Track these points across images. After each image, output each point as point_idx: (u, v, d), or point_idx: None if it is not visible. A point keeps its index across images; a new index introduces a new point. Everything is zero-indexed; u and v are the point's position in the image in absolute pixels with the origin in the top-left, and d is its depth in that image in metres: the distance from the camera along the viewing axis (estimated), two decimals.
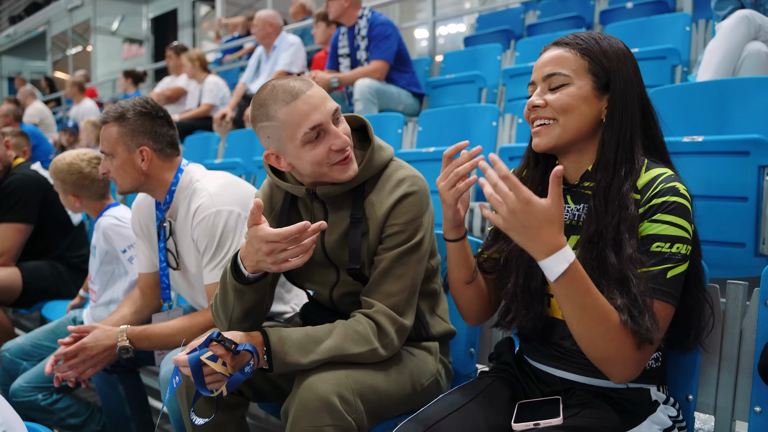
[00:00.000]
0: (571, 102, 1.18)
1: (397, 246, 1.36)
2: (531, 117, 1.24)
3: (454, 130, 3.07)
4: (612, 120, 1.17)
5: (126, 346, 1.71)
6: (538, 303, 1.24)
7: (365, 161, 1.38)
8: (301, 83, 1.32)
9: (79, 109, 7.38)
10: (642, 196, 1.14)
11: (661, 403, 1.20)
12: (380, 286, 1.36)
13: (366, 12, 3.98)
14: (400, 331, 1.36)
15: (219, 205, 1.73)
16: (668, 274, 1.10)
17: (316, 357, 1.28)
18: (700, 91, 2.33)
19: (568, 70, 1.19)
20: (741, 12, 2.41)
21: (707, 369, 1.33)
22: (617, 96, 1.17)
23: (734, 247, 1.92)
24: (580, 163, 1.24)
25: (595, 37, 1.21)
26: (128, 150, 1.80)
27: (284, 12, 7.16)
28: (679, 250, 1.10)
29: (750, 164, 1.89)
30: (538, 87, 1.23)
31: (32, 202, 2.82)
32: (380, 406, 1.32)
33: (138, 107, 1.81)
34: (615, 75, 1.17)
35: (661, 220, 1.11)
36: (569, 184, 1.25)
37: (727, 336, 1.32)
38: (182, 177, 1.86)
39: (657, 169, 1.16)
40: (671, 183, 1.12)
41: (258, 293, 1.33)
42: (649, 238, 1.11)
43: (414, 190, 1.38)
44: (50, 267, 2.91)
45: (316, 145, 1.32)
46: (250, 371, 1.22)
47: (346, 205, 1.41)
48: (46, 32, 15.13)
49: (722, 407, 1.31)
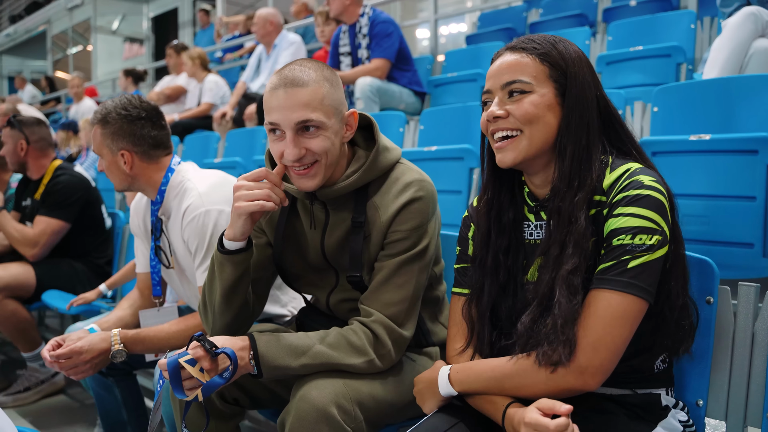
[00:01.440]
0: (536, 111, 1.10)
1: (399, 253, 1.31)
2: (491, 129, 1.15)
3: (456, 129, 3.04)
4: (569, 126, 1.10)
5: (120, 350, 1.67)
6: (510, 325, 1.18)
7: (368, 162, 1.33)
8: (295, 76, 1.24)
9: (78, 108, 7.36)
10: (607, 197, 1.08)
11: (671, 408, 1.16)
12: (380, 295, 1.31)
13: (367, 10, 3.95)
14: (398, 343, 1.30)
15: (208, 205, 1.69)
16: (629, 264, 1.02)
17: (307, 360, 1.23)
18: (706, 89, 2.30)
19: (528, 77, 1.11)
20: (748, 9, 2.38)
21: (718, 373, 1.29)
22: (574, 101, 1.10)
23: (742, 248, 1.89)
24: (547, 175, 1.17)
25: (551, 41, 1.14)
26: (111, 153, 1.80)
27: (285, 11, 7.13)
28: (642, 241, 1.02)
29: (758, 163, 1.86)
30: (496, 96, 1.14)
31: (77, 203, 2.91)
32: (380, 415, 1.28)
33: (119, 109, 1.79)
34: (572, 80, 1.11)
35: (622, 213, 1.05)
36: (539, 200, 1.19)
37: (738, 339, 1.28)
38: (173, 177, 1.83)
39: (623, 166, 1.10)
40: (635, 177, 1.06)
41: (237, 268, 1.30)
42: (609, 235, 1.05)
43: (421, 196, 1.32)
44: (68, 265, 2.92)
45: (274, 142, 1.28)
46: (229, 376, 1.17)
47: (348, 207, 1.36)
48: (47, 31, 15.14)
49: (734, 412, 1.28)
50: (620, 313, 1.02)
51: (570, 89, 1.11)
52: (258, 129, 4.10)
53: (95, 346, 1.65)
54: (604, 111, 1.15)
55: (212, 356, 1.17)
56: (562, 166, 1.11)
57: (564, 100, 1.11)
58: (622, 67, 3.19)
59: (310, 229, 1.40)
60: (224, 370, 1.18)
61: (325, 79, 1.27)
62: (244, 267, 1.31)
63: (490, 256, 1.23)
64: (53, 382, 2.94)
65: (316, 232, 1.39)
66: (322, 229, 1.38)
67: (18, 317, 2.76)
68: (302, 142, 1.24)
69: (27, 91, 11.41)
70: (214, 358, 1.18)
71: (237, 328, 1.38)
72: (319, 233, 1.39)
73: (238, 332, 1.37)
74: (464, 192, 2.55)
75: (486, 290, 1.23)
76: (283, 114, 1.23)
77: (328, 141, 1.26)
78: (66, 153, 6.17)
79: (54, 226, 2.83)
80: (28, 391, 2.88)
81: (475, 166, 2.56)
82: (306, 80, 1.24)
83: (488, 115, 1.14)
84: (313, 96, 1.23)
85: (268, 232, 1.46)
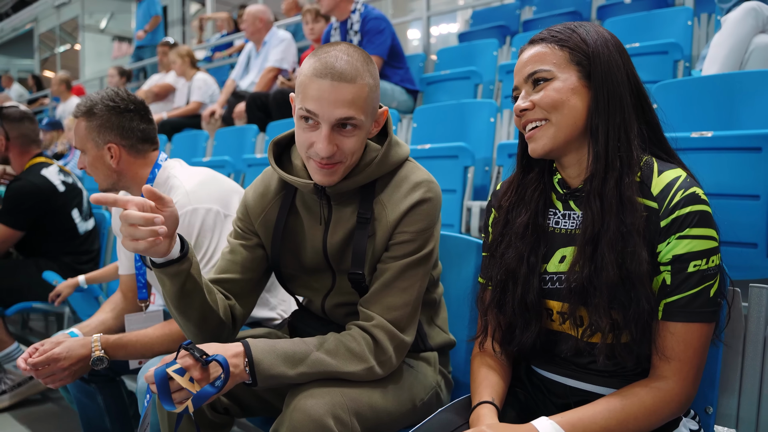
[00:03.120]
0: (559, 96, 1.09)
1: (405, 256, 1.25)
2: (522, 122, 1.15)
3: (450, 127, 2.99)
4: (597, 106, 1.08)
5: (100, 356, 1.58)
6: (536, 319, 1.15)
7: (381, 156, 1.26)
8: (348, 71, 1.16)
9: (65, 106, 7.27)
10: (660, 204, 1.04)
11: (683, 417, 1.11)
12: (382, 298, 1.24)
13: (359, 6, 3.89)
14: (399, 348, 1.24)
15: (195, 203, 1.63)
16: (711, 292, 1.03)
17: (304, 369, 1.16)
18: (706, 86, 2.26)
19: (549, 65, 1.10)
20: (748, 4, 2.34)
21: (728, 379, 1.24)
22: (600, 79, 1.08)
23: (746, 248, 1.84)
24: (582, 164, 1.14)
25: (571, 27, 1.13)
26: (97, 146, 1.72)
27: (276, 9, 7.06)
28: (714, 263, 1.03)
29: (762, 161, 1.82)
30: (522, 90, 1.14)
31: (27, 212, 2.76)
32: (378, 424, 1.21)
33: (106, 100, 1.71)
34: (595, 59, 1.09)
35: (692, 235, 1.02)
36: (571, 189, 1.16)
37: (749, 343, 1.23)
38: (159, 173, 1.76)
39: (670, 172, 1.06)
40: (690, 189, 1.03)
41: (175, 280, 1.18)
42: (683, 257, 1.03)
43: (430, 197, 1.26)
44: (32, 264, 2.81)
45: (305, 129, 1.20)
46: (221, 385, 1.10)
47: (353, 203, 1.29)
48: (34, 30, 14.97)
49: (745, 419, 1.22)
50: (707, 338, 1.06)
51: (594, 69, 1.09)
52: (247, 127, 4.04)
53: (74, 353, 1.56)
54: (635, 90, 1.12)
55: (203, 365, 1.09)
56: (596, 146, 1.08)
57: (590, 82, 1.09)
58: None
59: (319, 225, 1.33)
60: (216, 378, 1.11)
61: (370, 74, 1.20)
62: (184, 277, 1.19)
63: (504, 241, 1.19)
64: (32, 384, 2.86)
65: (319, 228, 1.32)
66: (324, 226, 1.32)
67: None
68: (337, 139, 1.18)
69: (14, 90, 11.27)
70: (204, 367, 1.10)
71: (212, 336, 1.29)
72: (321, 230, 1.32)
73: (218, 339, 1.29)
74: (459, 191, 2.50)
75: (496, 277, 1.20)
76: (324, 107, 1.15)
77: (359, 141, 1.21)
78: (52, 151, 6.08)
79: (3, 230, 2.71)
80: (4, 395, 2.79)
81: (470, 164, 2.51)
82: (354, 75, 1.16)
83: (516, 109, 1.14)
84: (359, 94, 1.17)
85: (261, 232, 1.38)
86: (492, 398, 1.14)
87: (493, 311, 1.21)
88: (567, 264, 1.12)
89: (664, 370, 1.04)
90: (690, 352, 1.03)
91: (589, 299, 1.05)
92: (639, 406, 1.03)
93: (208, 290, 1.25)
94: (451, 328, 1.53)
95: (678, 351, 1.03)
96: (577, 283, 1.06)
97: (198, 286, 1.22)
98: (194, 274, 1.20)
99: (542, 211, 1.18)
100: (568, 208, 1.16)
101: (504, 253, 1.19)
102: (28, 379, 2.84)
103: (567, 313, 1.11)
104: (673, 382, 1.03)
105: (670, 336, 1.04)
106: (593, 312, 1.05)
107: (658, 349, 1.05)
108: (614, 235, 1.03)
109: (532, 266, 1.15)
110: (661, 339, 1.04)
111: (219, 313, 1.28)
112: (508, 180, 1.26)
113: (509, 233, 1.19)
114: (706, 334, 1.04)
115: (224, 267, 1.37)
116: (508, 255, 1.18)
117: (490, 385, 1.17)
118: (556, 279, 1.14)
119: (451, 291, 1.61)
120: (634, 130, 1.09)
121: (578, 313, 1.09)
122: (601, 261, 1.04)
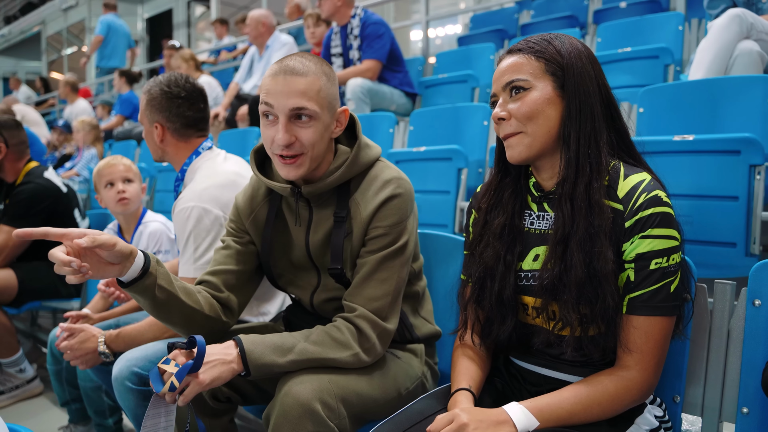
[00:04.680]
0: (534, 107, 1.15)
1: (381, 249, 1.33)
2: (498, 130, 1.22)
3: (445, 130, 3.06)
4: (570, 114, 1.15)
5: (104, 351, 1.73)
6: (512, 313, 1.23)
7: (350, 158, 1.36)
8: (297, 65, 1.28)
9: (72, 109, 7.36)
10: (625, 206, 1.11)
11: (648, 404, 1.18)
12: (363, 290, 1.33)
13: (359, 11, 3.96)
14: (382, 336, 1.33)
15: (197, 201, 1.71)
16: (671, 287, 1.10)
17: (294, 357, 1.25)
18: (691, 90, 2.32)
19: (525, 75, 1.16)
20: (733, 10, 2.40)
21: (695, 370, 1.31)
22: (573, 89, 1.15)
23: (725, 247, 1.91)
24: (555, 168, 1.20)
25: (547, 38, 1.20)
26: (149, 122, 1.90)
27: (280, 12, 7.15)
28: (675, 260, 1.10)
29: (741, 163, 1.88)
30: (500, 98, 1.20)
31: (39, 214, 2.84)
32: (364, 411, 1.29)
33: (162, 85, 1.88)
34: (569, 70, 1.16)
35: (653, 234, 1.09)
36: (545, 192, 1.23)
37: (714, 336, 1.30)
38: (195, 160, 1.89)
39: (635, 176, 1.14)
40: (653, 192, 1.10)
41: (145, 294, 1.26)
42: (645, 255, 1.10)
43: (399, 193, 1.35)
44: (47, 267, 2.89)
45: (267, 126, 1.31)
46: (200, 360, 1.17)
47: (331, 204, 1.39)
48: (41, 32, 15.10)
49: (709, 407, 1.30)
50: (668, 331, 1.13)
51: (568, 79, 1.15)
52: (251, 130, 4.11)
53: (83, 345, 1.74)
54: (606, 99, 1.19)
55: (187, 350, 1.20)
56: (568, 153, 1.15)
57: (564, 92, 1.16)
58: (610, 68, 3.21)
59: (296, 226, 1.42)
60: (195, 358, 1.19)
61: (323, 73, 1.31)
62: (152, 291, 1.25)
63: (483, 241, 1.27)
64: (27, 388, 2.94)
65: (300, 229, 1.42)
66: (306, 226, 1.41)
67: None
68: (293, 129, 1.28)
69: (22, 92, 11.38)
70: (189, 351, 1.21)
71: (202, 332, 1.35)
72: (303, 230, 1.41)
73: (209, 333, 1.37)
74: (452, 192, 2.57)
75: (475, 275, 1.27)
76: (279, 99, 1.27)
77: (317, 133, 1.30)
78: (60, 153, 6.18)
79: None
80: (1, 395, 2.88)
81: (463, 166, 2.58)
82: (305, 71, 1.28)
83: (493, 117, 1.21)
84: (310, 86, 1.28)
85: (252, 231, 1.47)
86: (469, 385, 1.21)
87: (472, 306, 1.29)
88: (540, 262, 1.19)
89: (627, 361, 1.11)
90: (651, 344, 1.10)
91: (560, 295, 1.13)
92: (603, 392, 1.10)
93: (186, 293, 1.32)
94: (439, 321, 1.60)
95: (640, 343, 1.11)
96: (549, 280, 1.14)
97: (171, 294, 1.29)
98: (163, 285, 1.27)
99: (518, 212, 1.26)
100: (542, 209, 1.23)
101: (483, 252, 1.26)
102: (25, 383, 2.93)
103: (540, 307, 1.18)
104: (636, 372, 1.11)
105: (633, 329, 1.11)
106: (563, 307, 1.12)
107: (622, 341, 1.12)
108: (583, 236, 1.11)
109: (508, 264, 1.23)
110: (625, 332, 1.12)
111: (204, 311, 1.36)
112: (487, 183, 1.33)
113: (487, 233, 1.27)
114: (666, 327, 1.11)
115: (219, 260, 1.46)
116: (486, 254, 1.25)
117: (468, 373, 1.25)
118: (530, 276, 1.21)
119: (439, 287, 1.68)
120: (604, 137, 1.16)
121: (550, 308, 1.17)
122: (571, 260, 1.11)
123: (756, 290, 1.24)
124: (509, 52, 1.22)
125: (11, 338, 2.84)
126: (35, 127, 6.94)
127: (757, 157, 1.86)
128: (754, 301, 1.24)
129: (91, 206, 4.66)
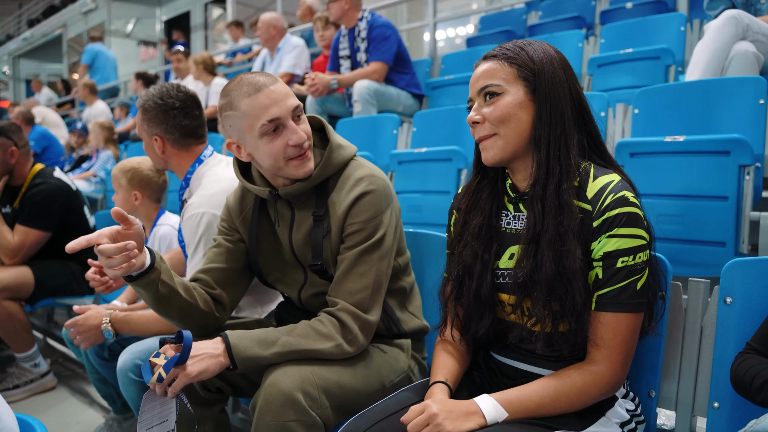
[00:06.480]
0: (507, 111, 1.20)
1: (357, 244, 1.39)
2: (474, 133, 1.26)
3: (448, 131, 3.10)
4: (541, 118, 1.19)
5: (107, 328, 1.82)
6: (489, 310, 1.27)
7: (324, 159, 1.43)
8: (267, 78, 1.38)
9: (91, 111, 7.48)
10: (593, 207, 1.16)
11: (619, 398, 1.22)
12: (343, 285, 1.39)
13: (366, 14, 4.02)
14: (364, 327, 1.38)
15: (207, 207, 1.77)
16: (638, 285, 1.14)
17: (278, 349, 1.31)
18: (686, 91, 2.35)
19: (499, 80, 1.21)
20: (729, 12, 2.42)
21: (669, 366, 1.35)
22: (544, 94, 1.19)
23: (715, 246, 1.94)
24: (528, 170, 1.25)
25: (520, 45, 1.24)
26: (148, 136, 1.95)
27: (293, 13, 7.22)
28: (641, 258, 1.14)
29: (730, 164, 1.91)
30: (475, 102, 1.25)
31: (56, 213, 2.94)
32: (347, 402, 1.35)
33: (156, 98, 1.92)
34: (540, 75, 1.20)
35: (620, 234, 1.13)
36: (520, 192, 1.28)
37: (688, 333, 1.34)
38: (199, 168, 1.94)
39: (604, 177, 1.18)
40: (620, 193, 1.14)
41: (149, 288, 1.35)
42: (612, 254, 1.14)
43: (371, 189, 1.41)
44: (62, 265, 3.01)
45: (274, 139, 1.37)
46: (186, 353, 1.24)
47: (311, 204, 1.46)
48: (62, 35, 15.36)
49: (682, 402, 1.33)
50: (635, 327, 1.17)
51: (539, 84, 1.20)
52: None
53: (88, 321, 1.86)
54: (577, 103, 1.23)
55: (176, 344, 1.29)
56: (539, 155, 1.19)
57: (535, 96, 1.20)
58: (612, 69, 3.24)
59: (278, 226, 1.49)
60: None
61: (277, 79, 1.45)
62: (156, 285, 1.35)
63: (462, 240, 1.32)
64: (42, 382, 3.02)
65: (284, 229, 1.49)
66: (289, 226, 1.48)
67: (15, 319, 2.84)
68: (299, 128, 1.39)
69: (43, 94, 11.59)
70: (179, 345, 1.28)
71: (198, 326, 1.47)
72: (286, 230, 1.48)
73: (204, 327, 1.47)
74: (452, 192, 2.61)
75: (455, 273, 1.32)
76: (282, 106, 1.37)
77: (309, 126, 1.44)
78: (78, 154, 6.32)
79: (33, 236, 2.87)
80: (17, 389, 2.96)
81: (463, 167, 2.62)
82: (274, 79, 1.40)
83: (468, 120, 1.26)
84: (286, 87, 1.42)
85: (242, 230, 1.55)
86: (446, 378, 1.27)
87: (452, 303, 1.34)
88: (515, 261, 1.24)
89: (596, 356, 1.16)
90: (618, 339, 1.15)
91: (532, 292, 1.18)
92: (571, 386, 1.15)
93: (185, 289, 1.42)
94: (429, 317, 1.64)
95: (607, 338, 1.15)
96: (522, 278, 1.18)
97: (172, 289, 1.38)
98: (166, 280, 1.36)
99: (496, 213, 1.30)
100: (518, 210, 1.28)
101: (462, 251, 1.31)
102: (39, 377, 3.02)
103: (515, 304, 1.23)
104: (603, 366, 1.15)
105: (600, 325, 1.15)
106: (535, 303, 1.17)
107: (591, 337, 1.16)
108: (553, 235, 1.15)
109: (485, 263, 1.27)
110: (593, 328, 1.16)
111: (199, 306, 1.45)
112: (467, 184, 1.38)
113: (466, 233, 1.32)
114: (633, 323, 1.15)
115: (210, 258, 1.54)
116: (465, 253, 1.30)
117: (446, 367, 1.30)
118: (506, 274, 1.25)
119: (429, 284, 1.72)
120: (574, 139, 1.20)
121: (524, 305, 1.22)
122: (542, 258, 1.16)
123: (727, 288, 1.28)
124: (484, 59, 1.27)
125: (27, 334, 2.94)
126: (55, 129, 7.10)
127: (747, 158, 1.88)
128: (725, 298, 1.28)
129: (107, 206, 4.77)
